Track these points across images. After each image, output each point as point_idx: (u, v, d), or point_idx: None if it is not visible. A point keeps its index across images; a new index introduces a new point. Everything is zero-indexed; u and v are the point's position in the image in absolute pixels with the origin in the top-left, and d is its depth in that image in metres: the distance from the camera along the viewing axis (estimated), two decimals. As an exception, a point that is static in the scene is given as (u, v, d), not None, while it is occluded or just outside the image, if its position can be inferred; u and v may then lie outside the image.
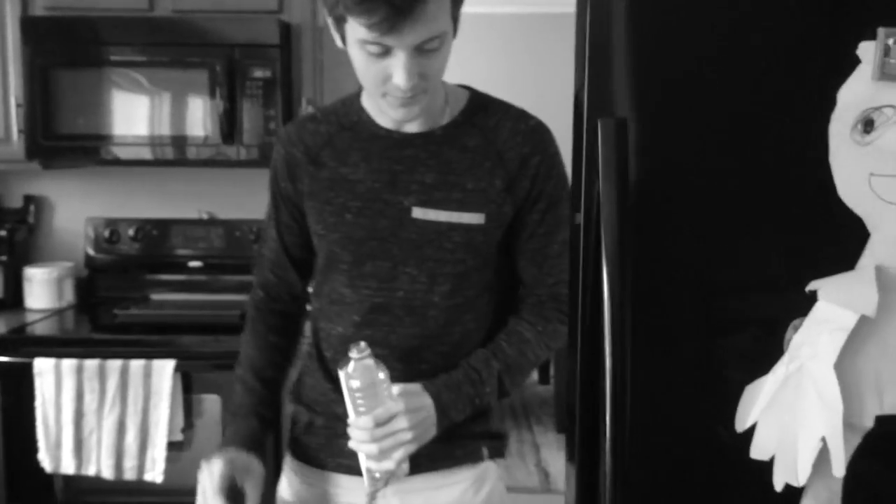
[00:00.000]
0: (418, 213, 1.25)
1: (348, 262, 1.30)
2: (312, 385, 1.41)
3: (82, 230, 2.99)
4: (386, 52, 1.12)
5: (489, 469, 1.37)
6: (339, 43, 1.20)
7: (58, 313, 2.83)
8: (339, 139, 1.31)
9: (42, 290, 2.83)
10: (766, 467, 0.92)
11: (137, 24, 2.59)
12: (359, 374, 1.16)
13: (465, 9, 1.20)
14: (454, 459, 1.32)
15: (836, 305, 0.86)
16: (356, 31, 1.11)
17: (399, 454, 1.19)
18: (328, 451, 1.38)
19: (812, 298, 0.89)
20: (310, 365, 1.42)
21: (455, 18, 1.18)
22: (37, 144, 2.61)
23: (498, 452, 1.39)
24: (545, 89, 6.40)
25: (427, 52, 1.13)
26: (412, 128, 1.28)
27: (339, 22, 1.14)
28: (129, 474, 2.38)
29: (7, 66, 2.65)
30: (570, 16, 0.94)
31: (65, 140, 2.63)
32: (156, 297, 2.93)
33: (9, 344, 2.46)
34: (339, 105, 1.37)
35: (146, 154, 2.63)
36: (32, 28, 2.58)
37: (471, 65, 6.26)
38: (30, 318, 2.74)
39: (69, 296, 2.90)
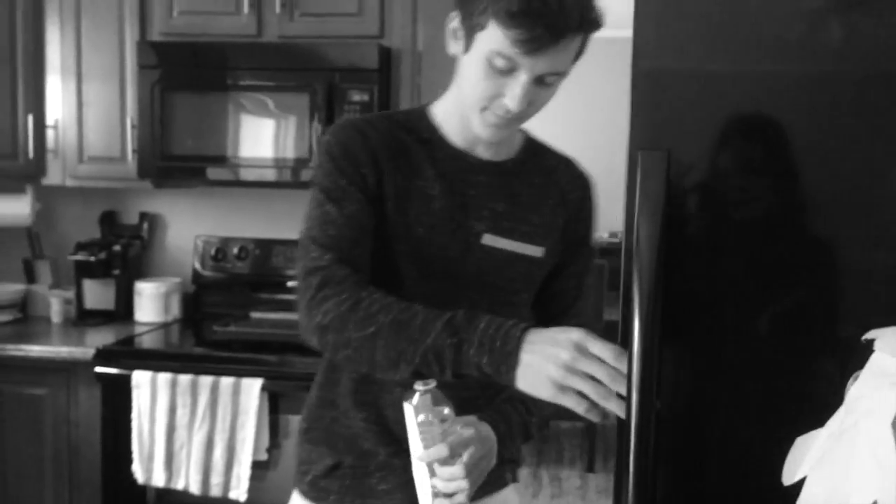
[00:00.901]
0: (488, 239, 1.26)
1: (412, 278, 1.24)
2: (343, 423, 1.31)
3: (191, 247, 3.10)
4: (511, 70, 1.12)
5: (510, 493, 1.39)
6: (452, 50, 1.19)
7: (163, 327, 2.93)
8: (416, 150, 1.26)
9: (150, 303, 2.94)
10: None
11: (247, 50, 2.67)
12: (428, 406, 1.12)
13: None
14: (485, 486, 1.24)
15: (895, 359, 0.75)
16: (494, 41, 1.10)
17: (472, 482, 1.14)
18: (356, 493, 1.30)
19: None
20: (337, 401, 1.31)
21: (574, 61, 1.19)
22: (149, 164, 2.72)
23: (515, 476, 1.42)
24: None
25: (544, 84, 1.15)
26: (485, 155, 1.28)
27: (474, 29, 1.13)
28: (216, 490, 2.41)
29: (125, 89, 2.79)
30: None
31: (175, 160, 2.72)
32: (256, 315, 2.99)
33: (111, 355, 2.55)
34: (408, 116, 1.30)
35: (250, 175, 2.69)
36: (149, 52, 2.70)
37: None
38: (137, 330, 2.85)
39: (175, 310, 3.00)
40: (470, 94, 1.18)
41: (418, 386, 1.11)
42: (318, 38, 2.61)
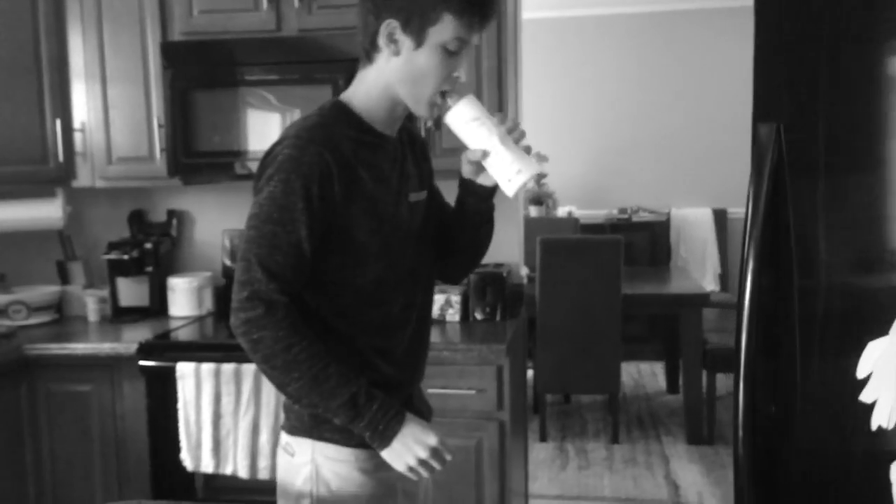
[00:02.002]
0: (412, 197, 1.56)
1: (396, 249, 1.51)
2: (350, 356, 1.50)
3: (220, 242, 3.16)
4: (460, 49, 1.40)
5: None
6: (385, 53, 1.42)
7: (198, 320, 3.00)
8: (362, 150, 1.46)
9: (184, 298, 3.02)
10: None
11: (267, 45, 2.73)
12: (471, 104, 1.43)
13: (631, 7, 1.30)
14: None
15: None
16: (450, 30, 1.37)
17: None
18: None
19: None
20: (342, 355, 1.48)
21: None
22: (177, 162, 2.79)
23: None
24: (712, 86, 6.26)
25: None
26: (390, 133, 1.53)
27: (425, 26, 1.37)
28: (263, 474, 2.49)
29: (150, 89, 2.85)
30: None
31: (202, 157, 2.79)
32: (287, 304, 3.05)
33: (154, 349, 2.62)
34: (344, 118, 1.47)
35: (276, 167, 2.75)
36: (172, 52, 2.76)
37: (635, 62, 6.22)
38: (173, 324, 2.93)
39: (208, 303, 3.07)
40: (428, 81, 1.41)
41: (451, 99, 1.42)
42: (337, 29, 2.66)
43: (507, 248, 3.09)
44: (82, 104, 2.91)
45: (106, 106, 2.89)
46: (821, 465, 1.44)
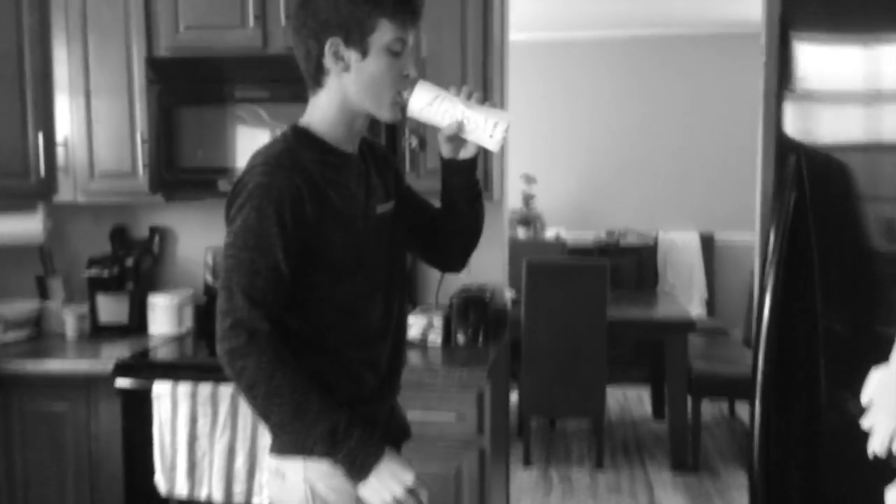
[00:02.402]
0: (379, 209, 1.60)
1: (370, 261, 1.56)
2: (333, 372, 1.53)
3: (202, 259, 3.13)
4: (402, 49, 1.46)
5: None
6: (333, 70, 1.47)
7: (178, 339, 2.96)
8: (328, 171, 1.49)
9: (164, 316, 2.97)
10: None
11: (253, 62, 2.71)
12: (425, 88, 1.49)
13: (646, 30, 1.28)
14: None
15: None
16: (388, 33, 1.44)
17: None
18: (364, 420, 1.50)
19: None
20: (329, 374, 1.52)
21: None
22: (160, 178, 2.76)
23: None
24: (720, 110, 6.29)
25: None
26: (352, 150, 1.57)
27: (365, 36, 1.44)
28: (238, 498, 2.44)
29: (134, 105, 2.83)
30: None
31: (185, 173, 2.76)
32: (268, 324, 3.01)
33: (130, 368, 2.58)
34: (306, 141, 1.50)
35: (260, 186, 2.72)
36: (158, 68, 2.73)
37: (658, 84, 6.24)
38: (152, 342, 2.89)
39: (188, 321, 3.03)
40: (383, 85, 1.47)
41: (406, 92, 1.48)
42: (324, 49, 2.64)
43: (491, 270, 3.07)
44: (66, 118, 2.88)
45: (89, 120, 2.86)
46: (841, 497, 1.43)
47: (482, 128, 1.50)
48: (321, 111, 1.52)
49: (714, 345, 4.93)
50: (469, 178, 1.63)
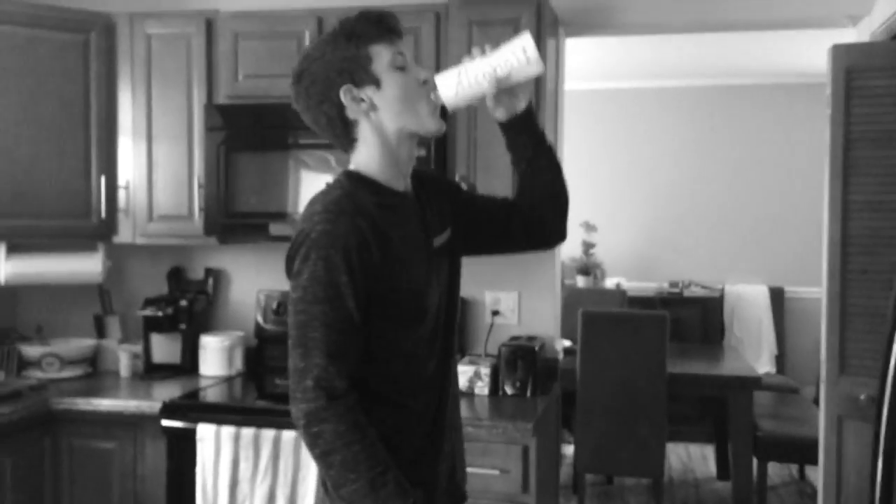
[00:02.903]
0: (436, 241, 1.55)
1: (433, 304, 1.50)
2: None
3: (254, 301, 3.15)
4: (405, 62, 1.45)
5: None
6: (355, 114, 1.44)
7: (227, 380, 2.97)
8: (384, 207, 1.45)
9: (215, 357, 3.00)
10: None
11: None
12: (443, 75, 1.48)
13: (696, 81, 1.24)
14: None
15: None
16: (384, 54, 1.43)
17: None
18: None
19: None
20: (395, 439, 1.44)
21: None
22: (215, 221, 2.80)
23: None
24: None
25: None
26: (405, 188, 1.53)
27: (366, 68, 1.42)
28: (277, 545, 2.41)
29: (193, 150, 2.90)
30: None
31: (239, 217, 2.80)
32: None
33: (177, 409, 2.59)
34: (353, 182, 1.46)
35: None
36: (215, 115, 2.80)
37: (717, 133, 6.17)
38: (202, 383, 2.91)
39: (238, 363, 3.05)
40: (411, 100, 1.45)
41: (434, 93, 1.46)
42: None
43: (542, 320, 3.01)
44: (128, 161, 2.96)
45: (150, 164, 2.94)
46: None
47: (514, 60, 1.46)
48: (366, 156, 1.48)
49: (783, 403, 4.71)
50: (534, 131, 1.60)
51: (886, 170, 2.56)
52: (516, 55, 1.46)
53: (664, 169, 6.19)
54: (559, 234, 1.71)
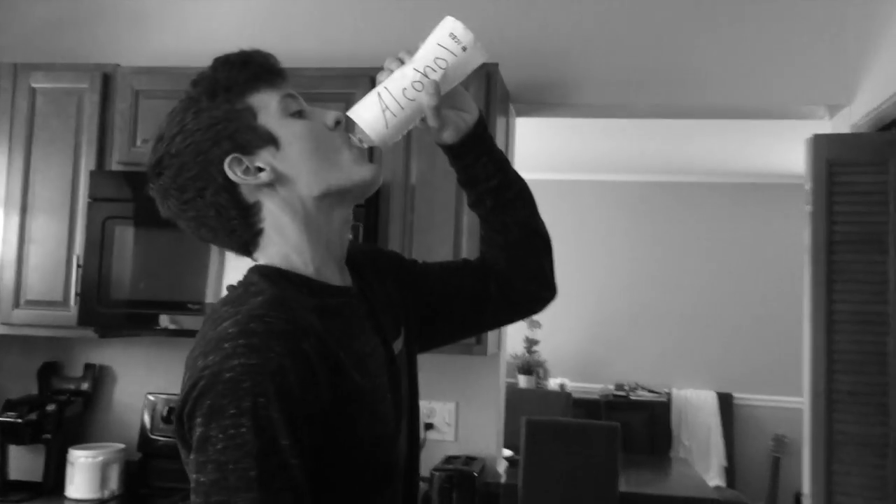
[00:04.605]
0: (396, 346, 1.11)
1: (393, 426, 1.03)
2: None
3: (141, 405, 2.65)
4: (299, 105, 1.03)
5: None
6: (274, 169, 0.99)
7: (99, 504, 2.43)
8: (326, 313, 0.98)
9: (84, 475, 2.46)
10: None
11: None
12: (360, 107, 1.04)
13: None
14: None
15: None
16: (269, 103, 1.00)
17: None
18: None
19: None
20: None
21: None
22: (92, 310, 2.33)
23: None
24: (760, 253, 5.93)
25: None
26: (344, 281, 1.07)
27: (253, 123, 0.99)
28: None
29: (75, 225, 2.44)
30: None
31: (122, 306, 2.33)
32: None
33: (21, 548, 2.05)
34: (274, 282, 0.98)
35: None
36: (103, 182, 2.37)
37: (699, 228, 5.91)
38: (66, 509, 2.36)
39: (114, 484, 2.51)
40: (325, 149, 1.02)
41: (356, 132, 1.03)
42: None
43: (482, 434, 2.60)
44: (-4, 235, 2.48)
45: (22, 239, 2.47)
46: None
47: (446, 53, 1.04)
48: (281, 248, 1.02)
49: (737, 522, 4.32)
50: (493, 150, 1.17)
51: (875, 276, 2.26)
52: (447, 47, 1.04)
53: (611, 265, 5.92)
54: (548, 288, 1.27)
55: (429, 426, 2.57)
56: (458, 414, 2.60)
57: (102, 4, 2.86)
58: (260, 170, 0.98)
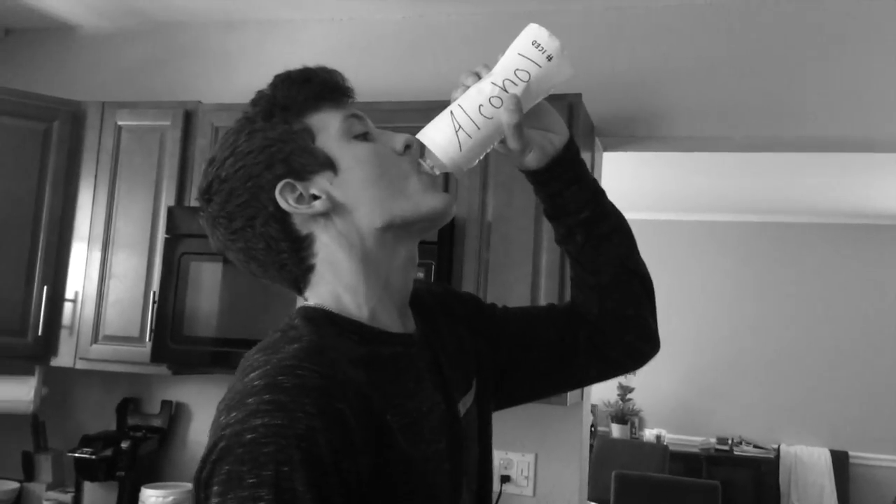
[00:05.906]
0: (461, 406, 0.97)
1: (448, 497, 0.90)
2: None
3: (215, 446, 2.61)
4: (364, 127, 0.92)
5: None
6: (330, 196, 0.88)
7: (168, 546, 2.38)
8: (374, 366, 0.85)
9: (155, 516, 2.42)
10: None
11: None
12: (435, 126, 0.93)
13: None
14: None
15: None
16: (330, 124, 0.90)
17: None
18: None
19: None
20: None
21: None
22: (164, 346, 2.31)
23: None
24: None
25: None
26: (405, 327, 0.94)
27: (310, 147, 0.89)
28: None
29: (154, 261, 2.44)
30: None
31: (195, 343, 2.30)
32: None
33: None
34: (318, 327, 0.86)
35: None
36: (181, 217, 2.36)
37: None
38: (134, 549, 2.32)
39: (184, 526, 2.46)
40: (389, 175, 0.90)
41: (426, 157, 0.92)
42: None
43: (562, 490, 2.41)
44: (79, 271, 2.51)
45: (103, 274, 2.49)
46: None
47: (530, 65, 0.91)
48: (332, 283, 0.90)
49: None
50: (585, 176, 1.03)
51: None
52: (530, 57, 0.91)
53: (711, 310, 5.62)
54: (649, 340, 1.11)
55: (505, 479, 2.42)
56: (538, 466, 2.44)
57: (187, 44, 2.91)
58: (315, 197, 0.88)
